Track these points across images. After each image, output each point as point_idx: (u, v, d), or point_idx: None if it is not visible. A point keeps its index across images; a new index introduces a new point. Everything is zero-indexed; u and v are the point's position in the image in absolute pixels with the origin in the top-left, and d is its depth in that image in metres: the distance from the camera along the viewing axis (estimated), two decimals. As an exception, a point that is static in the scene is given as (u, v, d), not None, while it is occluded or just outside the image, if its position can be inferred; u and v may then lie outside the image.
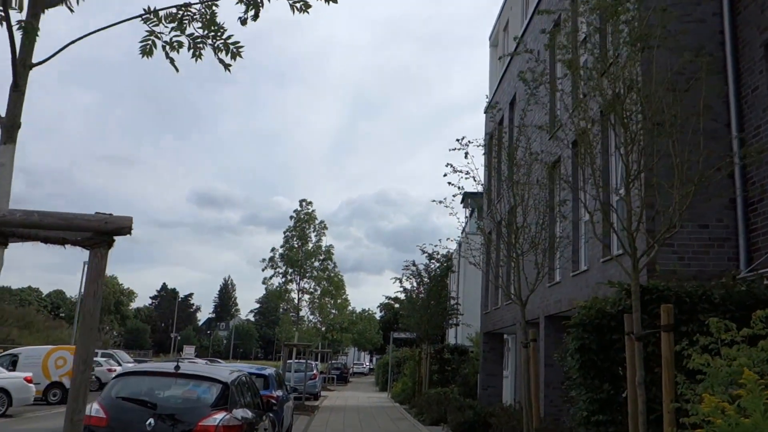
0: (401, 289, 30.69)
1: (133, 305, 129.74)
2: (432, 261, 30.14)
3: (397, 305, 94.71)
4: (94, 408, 8.95)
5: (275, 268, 29.92)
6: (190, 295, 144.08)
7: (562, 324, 20.14)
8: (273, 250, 30.28)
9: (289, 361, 30.97)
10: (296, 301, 29.90)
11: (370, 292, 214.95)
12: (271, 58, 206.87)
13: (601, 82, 9.07)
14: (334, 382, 54.45)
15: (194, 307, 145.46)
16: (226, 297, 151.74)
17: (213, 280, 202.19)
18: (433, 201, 12.99)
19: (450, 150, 14.83)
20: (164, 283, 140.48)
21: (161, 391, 9.29)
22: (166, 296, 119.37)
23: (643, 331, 8.57)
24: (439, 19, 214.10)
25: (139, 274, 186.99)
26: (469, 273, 34.50)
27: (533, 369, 12.45)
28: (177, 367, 9.30)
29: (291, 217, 30.50)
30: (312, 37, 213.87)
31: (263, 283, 29.90)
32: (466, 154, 14.72)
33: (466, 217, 55.57)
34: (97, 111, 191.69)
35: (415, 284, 30.02)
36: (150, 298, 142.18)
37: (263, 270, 30.03)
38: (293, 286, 29.85)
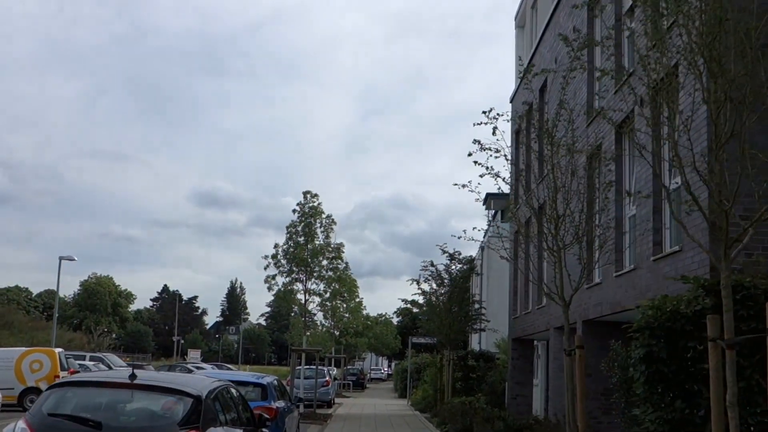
0: (419, 291, 28.62)
1: (133, 307, 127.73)
2: (453, 261, 28.01)
3: (415, 309, 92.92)
4: (19, 427, 6.88)
5: (279, 267, 27.76)
6: (195, 297, 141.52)
7: (603, 330, 18.03)
8: (276, 246, 28.18)
9: (299, 367, 28.95)
10: (303, 302, 27.66)
11: (387, 296, 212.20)
12: (276, 49, 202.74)
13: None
14: (350, 389, 52.39)
15: (200, 310, 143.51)
16: (234, 300, 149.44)
17: (219, 283, 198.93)
18: (456, 185, 11.34)
19: (475, 125, 12.64)
20: (165, 285, 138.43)
21: (111, 407, 7.18)
22: (168, 298, 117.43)
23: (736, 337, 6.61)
24: (456, 15, 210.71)
25: (139, 275, 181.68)
26: (493, 276, 32.19)
27: (579, 379, 10.31)
28: (132, 376, 7.16)
29: (294, 211, 28.34)
30: (320, 29, 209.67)
31: (265, 281, 27.80)
32: (494, 129, 12.63)
33: (489, 220, 53.57)
34: (83, 102, 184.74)
35: (434, 286, 27.89)
36: (150, 300, 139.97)
37: (265, 268, 27.95)
38: (299, 286, 27.67)
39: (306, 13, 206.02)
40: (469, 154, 12.80)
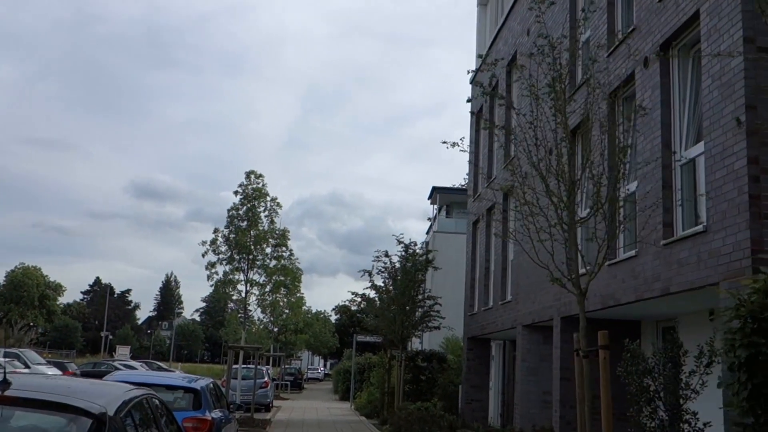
0: (369, 284, 26.33)
1: (62, 300, 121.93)
2: (408, 253, 25.85)
3: (354, 307, 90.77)
4: None
5: (218, 254, 25.09)
6: (128, 291, 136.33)
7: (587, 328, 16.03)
8: (215, 231, 25.44)
9: (235, 366, 26.38)
10: (243, 294, 25.03)
11: (324, 294, 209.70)
12: (220, 43, 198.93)
13: None
14: (288, 389, 49.79)
15: (132, 304, 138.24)
16: (168, 295, 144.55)
17: (155, 277, 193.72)
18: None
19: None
20: (98, 278, 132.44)
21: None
22: (100, 292, 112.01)
23: None
24: (400, 17, 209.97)
25: (71, 267, 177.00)
26: (443, 271, 30.05)
27: (603, 387, 8.24)
28: (4, 383, 4.63)
29: (236, 193, 25.64)
30: (265, 25, 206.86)
31: (206, 269, 25.10)
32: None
33: (433, 214, 51.64)
34: (22, 87, 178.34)
35: (388, 279, 25.65)
36: (81, 293, 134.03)
37: (203, 255, 25.23)
38: (240, 276, 25.01)
39: (252, 9, 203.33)
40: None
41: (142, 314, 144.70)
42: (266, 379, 31.04)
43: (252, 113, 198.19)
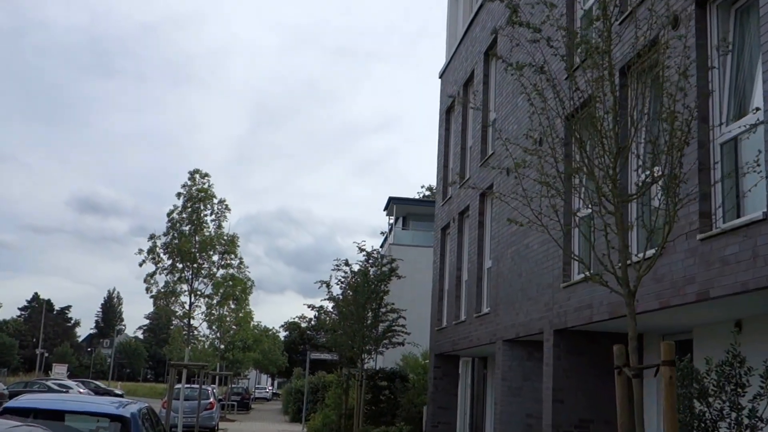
0: (327, 296, 24.09)
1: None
2: (369, 261, 23.74)
3: (305, 324, 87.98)
4: None
5: (157, 263, 22.42)
6: (68, 307, 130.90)
7: (580, 343, 14.10)
8: (152, 237, 22.78)
9: (178, 386, 23.81)
10: (188, 306, 22.48)
11: (272, 311, 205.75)
12: (164, 53, 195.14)
13: None
14: (235, 410, 46.98)
15: (73, 321, 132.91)
16: (110, 311, 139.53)
17: (97, 293, 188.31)
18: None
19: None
20: (36, 293, 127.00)
21: None
22: (38, 308, 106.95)
23: None
24: (350, 31, 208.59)
25: (8, 283, 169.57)
26: (400, 285, 27.67)
27: (668, 411, 6.18)
28: None
29: (179, 195, 23.02)
30: (211, 36, 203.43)
31: (144, 281, 22.43)
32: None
33: (389, 226, 49.57)
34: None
35: (348, 290, 23.47)
36: (18, 309, 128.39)
37: (140, 265, 22.55)
38: (184, 287, 22.44)
39: (199, 20, 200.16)
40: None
41: (83, 331, 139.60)
42: (211, 399, 28.54)
43: (198, 126, 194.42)
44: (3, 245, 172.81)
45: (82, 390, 49.36)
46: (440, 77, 24.99)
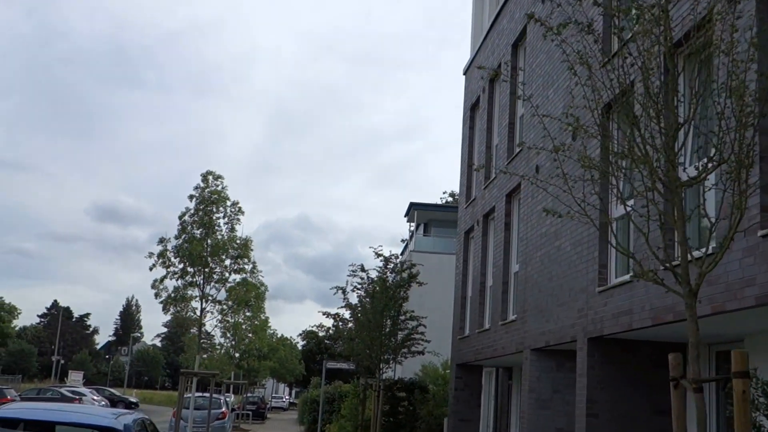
0: (344, 304, 23.08)
1: (18, 323, 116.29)
2: (388, 267, 22.73)
3: (323, 333, 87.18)
4: None
5: (168, 267, 21.49)
6: (87, 315, 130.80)
7: (621, 352, 12.97)
8: (162, 241, 21.83)
9: (188, 395, 22.92)
10: (199, 312, 21.51)
11: (291, 320, 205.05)
12: (186, 62, 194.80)
13: None
14: (250, 419, 46.09)
15: (91, 328, 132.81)
16: (129, 319, 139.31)
17: (116, 301, 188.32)
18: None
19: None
20: (55, 300, 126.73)
21: None
22: (57, 315, 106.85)
23: None
24: (372, 38, 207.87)
25: (29, 291, 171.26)
26: (420, 293, 26.50)
27: (741, 428, 5.11)
28: None
29: (191, 197, 22.07)
30: (232, 44, 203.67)
31: (152, 286, 21.52)
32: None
33: (409, 232, 48.53)
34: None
35: (365, 296, 22.46)
36: (38, 316, 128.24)
37: (151, 269, 21.63)
38: (195, 292, 21.51)
39: (221, 29, 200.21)
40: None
41: (102, 339, 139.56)
42: (224, 409, 27.60)
43: (219, 134, 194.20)
44: (24, 253, 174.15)
45: (96, 398, 48.71)
46: (464, 73, 24.02)
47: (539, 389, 14.74)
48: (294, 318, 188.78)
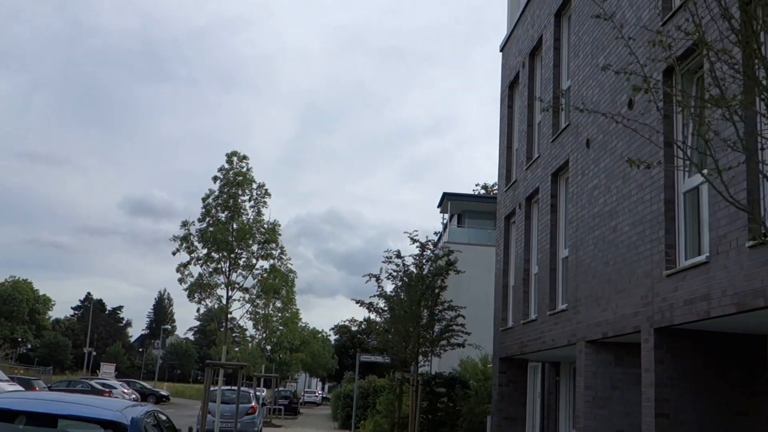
0: (377, 293, 21.82)
1: (52, 315, 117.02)
2: (425, 254, 21.43)
3: (355, 327, 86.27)
4: None
5: (192, 252, 20.35)
6: (120, 308, 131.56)
7: (694, 345, 11.52)
8: (185, 224, 20.66)
9: (214, 388, 21.84)
10: (225, 300, 20.38)
11: (322, 316, 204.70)
12: (216, 57, 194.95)
13: None
14: (282, 414, 45.12)
15: (124, 321, 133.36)
16: (161, 312, 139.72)
17: (149, 295, 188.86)
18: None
19: None
20: (88, 293, 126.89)
21: None
22: (90, 308, 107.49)
23: None
24: (400, 33, 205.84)
25: (64, 284, 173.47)
26: (455, 285, 24.96)
27: None
28: None
29: (215, 179, 20.93)
30: (261, 39, 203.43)
31: (177, 271, 20.43)
32: None
33: (443, 223, 47.22)
34: (16, 101, 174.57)
35: (401, 285, 21.18)
36: (72, 308, 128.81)
37: (174, 253, 20.53)
38: (221, 279, 20.38)
39: (249, 24, 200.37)
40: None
41: (135, 332, 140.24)
42: (253, 403, 26.50)
43: (249, 129, 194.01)
44: (59, 247, 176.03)
45: (126, 390, 48.21)
46: (501, 50, 22.61)
47: (596, 386, 13.34)
48: (325, 313, 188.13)
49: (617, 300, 12.29)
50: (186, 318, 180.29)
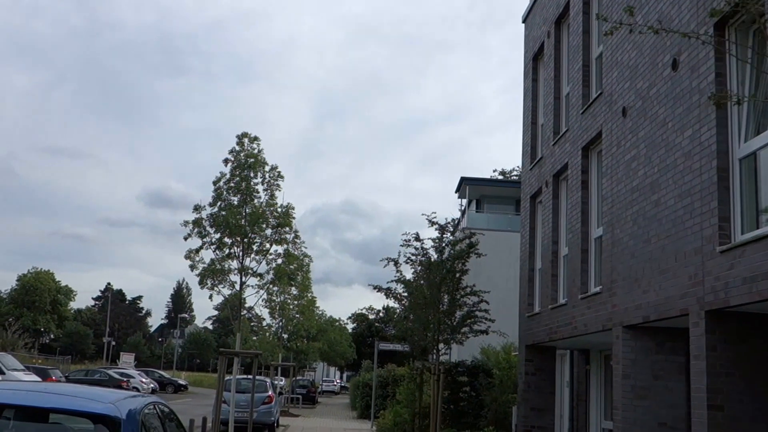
0: (396, 277, 20.80)
1: (74, 305, 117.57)
2: (445, 237, 20.40)
3: (373, 316, 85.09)
4: None
5: (203, 237, 19.42)
6: (139, 298, 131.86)
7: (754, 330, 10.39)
8: (197, 208, 19.71)
9: (228, 377, 20.99)
10: (239, 286, 19.47)
11: (339, 305, 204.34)
12: (231, 49, 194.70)
13: None
14: (300, 404, 44.38)
15: (144, 311, 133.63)
16: (180, 302, 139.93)
17: (168, 285, 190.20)
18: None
19: None
20: (108, 283, 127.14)
21: None
22: (111, 298, 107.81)
23: None
24: (414, 21, 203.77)
25: (84, 274, 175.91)
26: (474, 272, 23.65)
27: None
28: None
29: (226, 161, 19.90)
30: (278, 31, 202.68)
31: (186, 257, 19.49)
32: None
33: (461, 208, 46.11)
34: (37, 95, 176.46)
35: (420, 269, 20.16)
36: (93, 299, 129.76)
37: (185, 238, 19.62)
38: (234, 264, 19.45)
39: (264, 15, 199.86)
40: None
41: (155, 322, 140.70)
42: (270, 393, 25.64)
43: (264, 120, 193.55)
44: (80, 238, 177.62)
45: (144, 380, 47.77)
46: (523, 21, 21.47)
47: (635, 375, 12.28)
48: (342, 302, 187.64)
49: (661, 280, 11.19)
50: (204, 307, 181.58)
